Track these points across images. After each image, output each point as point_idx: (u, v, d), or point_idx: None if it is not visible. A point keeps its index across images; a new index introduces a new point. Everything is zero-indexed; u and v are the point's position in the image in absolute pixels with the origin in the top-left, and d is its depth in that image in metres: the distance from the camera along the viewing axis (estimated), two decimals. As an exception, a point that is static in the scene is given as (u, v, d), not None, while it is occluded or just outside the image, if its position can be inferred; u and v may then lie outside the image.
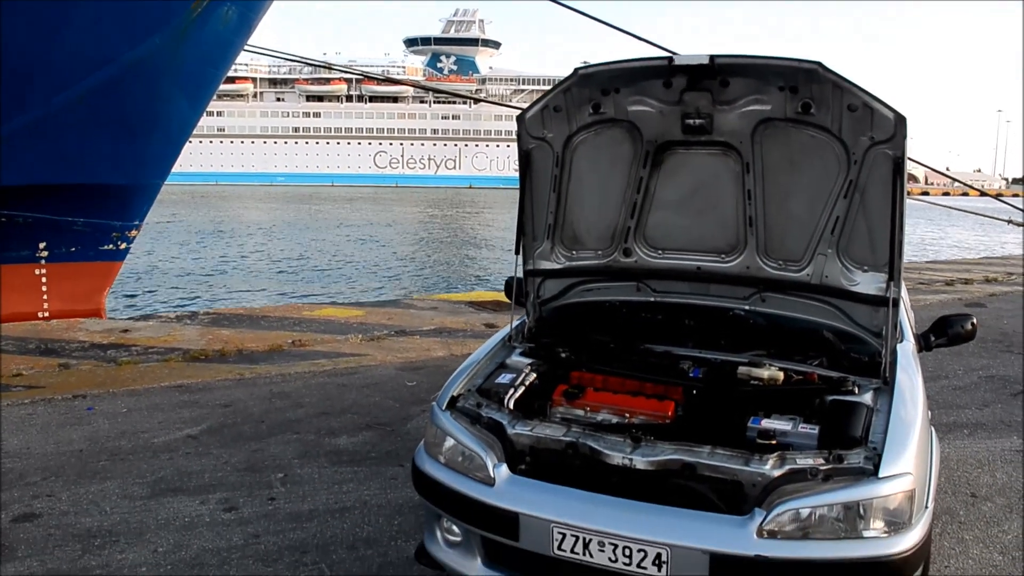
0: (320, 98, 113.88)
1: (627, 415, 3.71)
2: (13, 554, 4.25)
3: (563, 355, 4.22)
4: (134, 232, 12.13)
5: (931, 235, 42.67)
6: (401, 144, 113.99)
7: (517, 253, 4.38)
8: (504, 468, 3.38)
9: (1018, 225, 15.03)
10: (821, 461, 3.13)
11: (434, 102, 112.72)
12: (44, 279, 11.25)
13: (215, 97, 13.04)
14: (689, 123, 3.92)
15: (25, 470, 5.37)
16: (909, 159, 3.66)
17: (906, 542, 3.01)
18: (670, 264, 4.40)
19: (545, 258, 4.52)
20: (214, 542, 4.42)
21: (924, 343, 4.43)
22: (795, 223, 4.02)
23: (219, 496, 5.00)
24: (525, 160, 4.28)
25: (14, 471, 5.35)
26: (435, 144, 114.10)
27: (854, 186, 3.78)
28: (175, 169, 12.42)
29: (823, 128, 3.71)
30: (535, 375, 4.05)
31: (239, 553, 4.30)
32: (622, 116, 4.05)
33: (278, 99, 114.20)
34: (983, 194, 17.38)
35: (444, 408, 3.73)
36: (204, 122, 15.43)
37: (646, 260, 4.43)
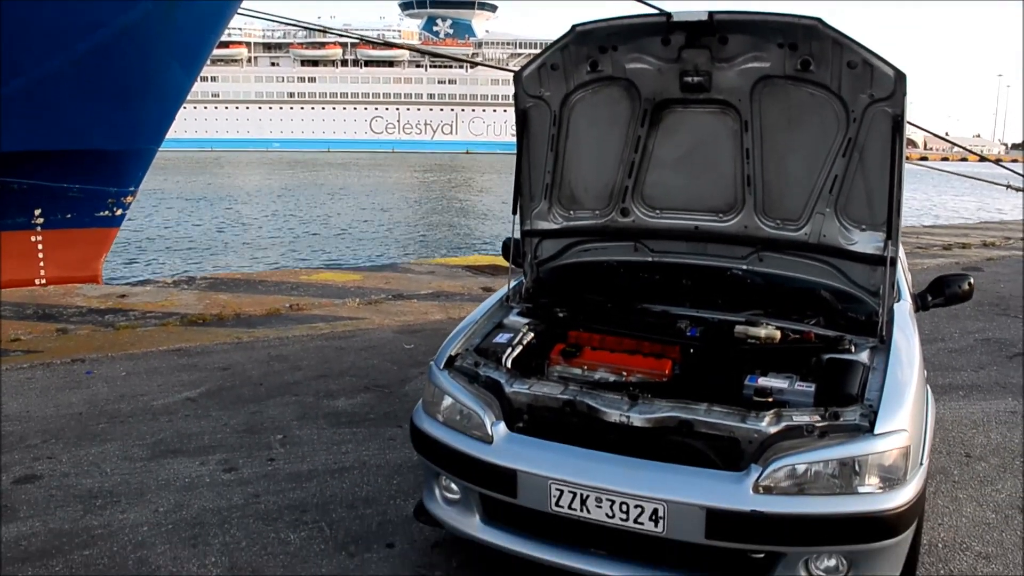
0: (315, 63, 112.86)
1: (624, 373, 3.73)
2: (15, 515, 4.28)
3: (561, 315, 4.23)
4: (130, 198, 12.09)
5: (929, 200, 42.61)
6: (397, 109, 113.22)
7: (515, 213, 4.36)
8: (502, 426, 3.40)
9: (1017, 190, 14.98)
10: (817, 418, 3.16)
11: (430, 66, 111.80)
12: (40, 246, 11.24)
13: (209, 62, 12.95)
14: (687, 81, 3.88)
15: (25, 433, 5.39)
16: (908, 122, 3.64)
17: (900, 498, 3.03)
18: (668, 224, 4.38)
19: (543, 218, 4.51)
20: (214, 502, 4.45)
21: (921, 303, 4.43)
22: (793, 182, 4.00)
23: (219, 457, 5.04)
24: (522, 119, 4.26)
25: (14, 434, 5.37)
26: (431, 109, 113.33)
27: (853, 144, 3.76)
28: (170, 135, 12.36)
29: (822, 85, 3.68)
30: (533, 334, 4.06)
31: (239, 512, 4.34)
32: (620, 74, 4.02)
33: (273, 64, 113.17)
34: (982, 159, 17.33)
35: (442, 367, 3.74)
36: (198, 87, 15.34)
37: (644, 220, 4.42)
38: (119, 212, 12.02)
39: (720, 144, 4.06)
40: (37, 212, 11.10)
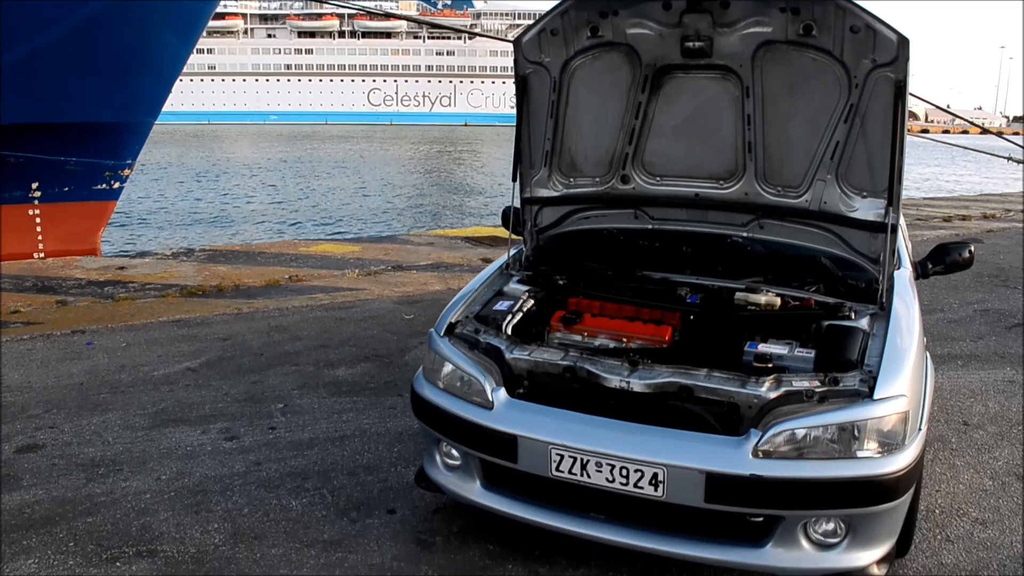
0: (312, 34, 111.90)
1: (624, 340, 3.74)
2: (18, 483, 4.30)
3: (560, 282, 4.23)
4: (127, 171, 12.06)
5: (930, 173, 42.50)
6: (395, 81, 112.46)
7: (514, 181, 4.34)
8: (502, 392, 3.41)
9: (1018, 162, 14.93)
10: (817, 383, 3.17)
11: (428, 38, 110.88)
12: (38, 219, 11.22)
13: (204, 34, 12.87)
14: (688, 46, 3.85)
15: (27, 403, 5.41)
16: (910, 94, 3.62)
17: (899, 462, 3.05)
18: (668, 191, 4.37)
19: (543, 186, 4.49)
20: (216, 470, 4.48)
21: (921, 270, 4.43)
22: (794, 148, 3.98)
23: (220, 426, 5.06)
24: (522, 86, 4.22)
25: (16, 404, 5.39)
26: (430, 81, 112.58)
27: (855, 110, 3.74)
28: (166, 108, 12.31)
29: (824, 51, 3.65)
30: (533, 302, 4.07)
31: (241, 480, 4.36)
32: (620, 39, 3.98)
33: (269, 35, 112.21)
34: (984, 131, 17.23)
35: (442, 335, 3.75)
36: (194, 60, 15.22)
37: (644, 187, 4.40)
38: (116, 185, 12.00)
39: (721, 110, 4.04)
40: (34, 186, 11.08)
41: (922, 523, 3.97)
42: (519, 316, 3.93)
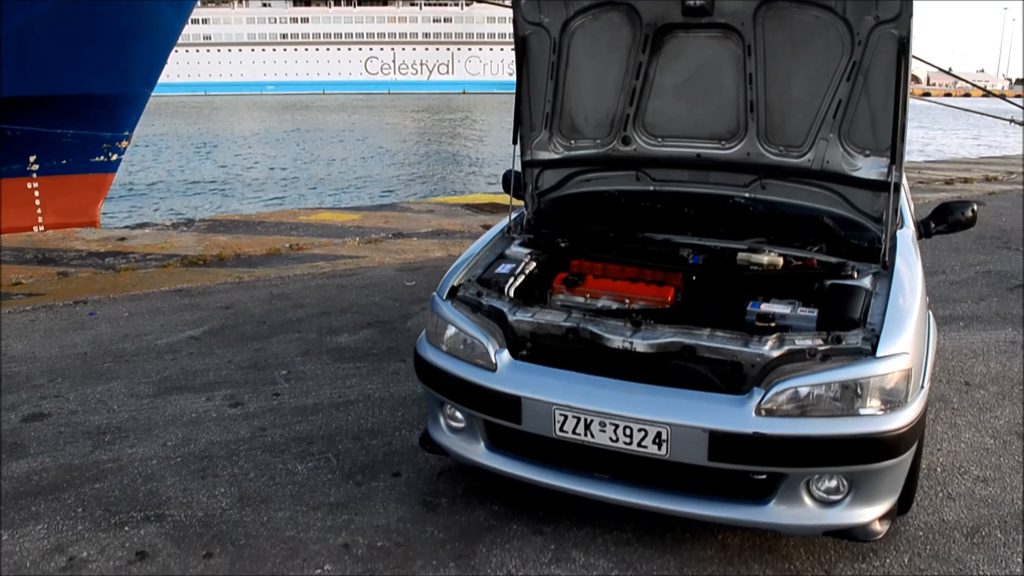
0: (307, 2, 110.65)
1: (627, 301, 3.74)
2: (25, 451, 4.33)
3: (562, 245, 4.22)
4: (124, 143, 12.00)
5: (932, 136, 42.25)
6: (392, 49, 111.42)
7: (515, 143, 4.32)
8: (505, 354, 3.41)
9: (1020, 124, 14.81)
10: (819, 342, 3.17)
11: (425, 4, 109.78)
12: (37, 192, 11.18)
13: (199, 3, 12.75)
14: (690, 4, 3.81)
15: (31, 373, 5.43)
16: (913, 56, 3.58)
17: (901, 420, 3.06)
18: (670, 152, 4.34)
19: (543, 148, 4.46)
20: (221, 435, 4.51)
21: (924, 230, 4.41)
22: (797, 107, 3.95)
23: (224, 393, 5.08)
24: (521, 47, 4.18)
25: (20, 374, 5.41)
26: (427, 49, 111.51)
27: (857, 68, 3.71)
28: (162, 80, 12.22)
29: (827, 7, 3.62)
30: (535, 264, 4.06)
31: (247, 445, 4.39)
32: None
33: (264, 4, 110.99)
34: (986, 94, 17.08)
35: (445, 298, 3.74)
36: (189, 30, 15.11)
37: (645, 148, 4.37)
38: (114, 157, 11.94)
39: (722, 70, 4.00)
40: (32, 159, 11.02)
41: (924, 481, 4.00)
42: (521, 279, 3.93)
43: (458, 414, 3.63)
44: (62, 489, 3.95)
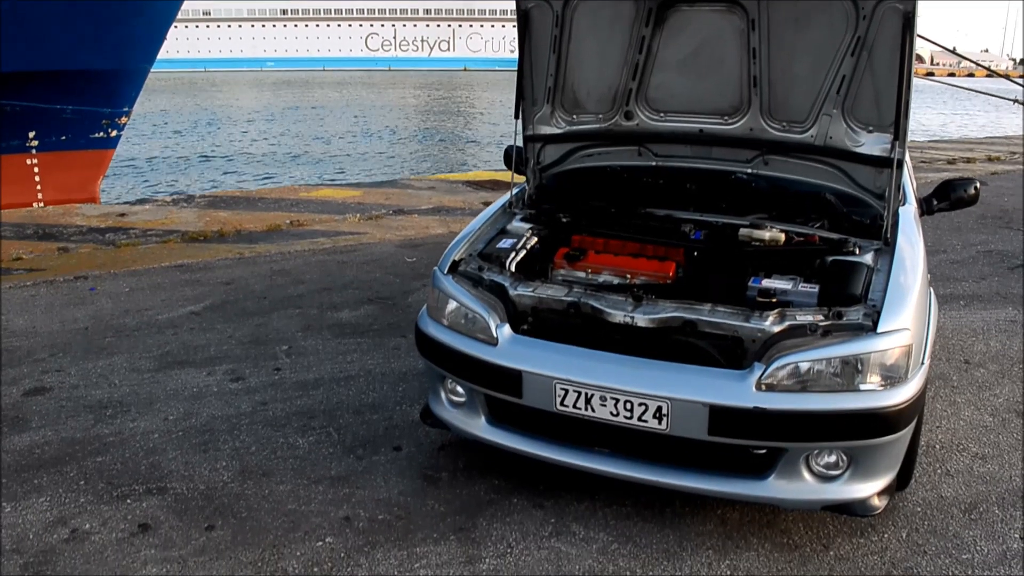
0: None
1: (628, 276, 3.74)
2: (27, 425, 4.34)
3: (564, 220, 4.21)
4: (124, 119, 11.93)
5: (935, 116, 42.04)
6: (393, 25, 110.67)
7: (517, 118, 4.30)
8: (507, 328, 3.41)
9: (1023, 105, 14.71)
10: (820, 317, 3.17)
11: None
12: (36, 168, 11.14)
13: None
14: None
15: (32, 348, 5.43)
16: (917, 35, 3.56)
17: (901, 395, 3.07)
18: (672, 127, 4.32)
19: (545, 123, 4.44)
20: (223, 410, 4.52)
21: (926, 206, 4.39)
22: (800, 83, 3.93)
23: (225, 368, 5.09)
24: (524, 21, 4.15)
25: (21, 349, 5.42)
26: (428, 25, 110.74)
27: (862, 43, 3.68)
28: (162, 56, 12.14)
29: None
30: (536, 239, 4.06)
31: (248, 419, 4.40)
32: None
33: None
34: (990, 73, 16.93)
35: (446, 272, 3.74)
36: (188, 6, 14.99)
37: (648, 123, 4.35)
38: (114, 133, 11.88)
39: (726, 44, 3.98)
40: (31, 135, 10.98)
41: (922, 458, 4.01)
42: (522, 254, 3.92)
43: (459, 388, 3.64)
44: (64, 462, 3.97)
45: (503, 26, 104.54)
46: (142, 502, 3.63)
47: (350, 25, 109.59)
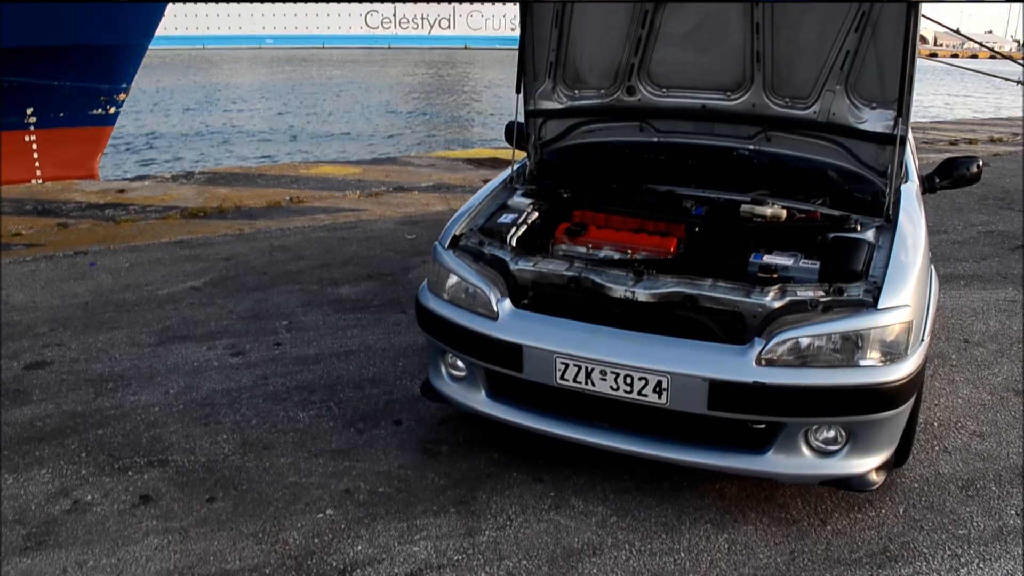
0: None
1: (629, 251, 3.73)
2: (28, 398, 4.36)
3: (565, 195, 4.20)
4: (122, 95, 11.84)
5: (938, 97, 41.85)
6: (392, 3, 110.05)
7: (518, 93, 4.28)
8: (507, 302, 3.42)
9: (1026, 86, 14.60)
10: (821, 293, 3.18)
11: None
12: (34, 145, 11.08)
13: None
14: None
15: (33, 322, 5.44)
16: (921, 15, 3.53)
17: (901, 371, 3.08)
18: (674, 103, 4.31)
19: (547, 98, 4.43)
20: (223, 384, 4.53)
21: (928, 184, 4.38)
22: (804, 58, 3.92)
23: (226, 342, 5.09)
24: None
25: (22, 323, 5.42)
26: (428, 2, 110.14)
27: (866, 18, 3.66)
28: (159, 32, 12.05)
29: None
30: (537, 214, 4.05)
31: (248, 393, 4.42)
32: None
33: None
34: (994, 55, 16.82)
35: (447, 247, 3.74)
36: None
37: (650, 98, 4.34)
38: (112, 110, 11.79)
39: (729, 19, 3.96)
40: (29, 111, 10.89)
41: (920, 435, 4.03)
42: (523, 229, 3.92)
43: (459, 362, 3.64)
44: (66, 435, 3.98)
45: (504, 3, 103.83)
46: (143, 474, 3.65)
47: (349, 2, 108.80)
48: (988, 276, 6.68)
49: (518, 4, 4.24)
